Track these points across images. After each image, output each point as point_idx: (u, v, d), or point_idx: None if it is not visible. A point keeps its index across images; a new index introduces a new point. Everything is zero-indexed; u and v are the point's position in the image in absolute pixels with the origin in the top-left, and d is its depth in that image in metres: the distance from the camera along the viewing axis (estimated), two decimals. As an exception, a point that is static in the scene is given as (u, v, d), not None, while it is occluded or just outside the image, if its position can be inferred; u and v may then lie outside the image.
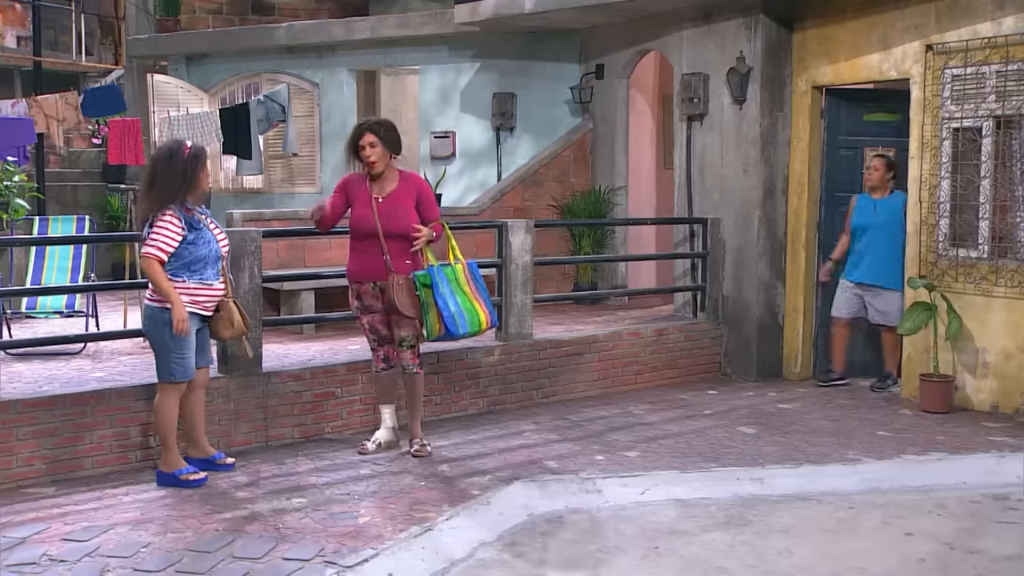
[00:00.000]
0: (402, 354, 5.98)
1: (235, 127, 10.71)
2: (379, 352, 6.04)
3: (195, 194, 5.42)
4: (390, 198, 5.83)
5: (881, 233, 7.78)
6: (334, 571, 4.31)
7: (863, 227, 7.87)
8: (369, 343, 6.07)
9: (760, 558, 4.75)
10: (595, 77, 10.43)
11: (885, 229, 7.77)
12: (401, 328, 5.91)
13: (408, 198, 5.88)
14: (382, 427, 6.20)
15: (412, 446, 6.09)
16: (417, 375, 6.05)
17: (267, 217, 9.08)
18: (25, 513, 5.01)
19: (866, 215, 7.89)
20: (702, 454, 6.23)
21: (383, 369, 6.08)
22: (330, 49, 11.79)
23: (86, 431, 5.66)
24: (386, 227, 5.77)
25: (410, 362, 5.99)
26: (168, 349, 5.30)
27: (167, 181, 5.30)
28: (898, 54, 7.64)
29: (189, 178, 5.33)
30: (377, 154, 5.80)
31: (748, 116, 8.36)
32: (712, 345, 8.61)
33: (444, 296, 5.81)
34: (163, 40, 12.76)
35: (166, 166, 5.33)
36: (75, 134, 15.05)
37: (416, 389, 6.09)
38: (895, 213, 7.77)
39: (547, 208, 10.45)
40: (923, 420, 7.07)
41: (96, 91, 11.76)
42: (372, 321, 5.96)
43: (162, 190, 5.29)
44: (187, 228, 5.29)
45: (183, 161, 5.32)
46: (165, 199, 5.29)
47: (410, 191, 5.90)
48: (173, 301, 5.22)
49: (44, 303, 8.14)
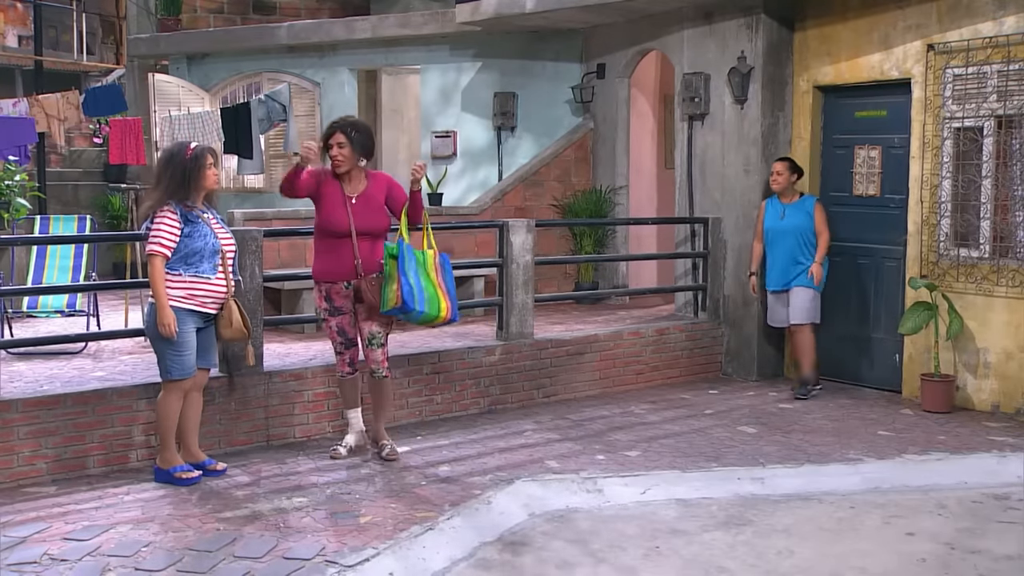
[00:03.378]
0: (372, 353, 5.92)
1: (236, 126, 10.69)
2: (345, 356, 6.01)
3: (198, 193, 5.44)
4: (362, 198, 5.84)
5: (789, 239, 7.72)
6: (335, 570, 4.31)
7: (771, 233, 7.84)
8: (335, 347, 6.02)
9: (761, 558, 4.75)
10: (596, 77, 10.42)
11: (793, 235, 7.72)
12: (373, 324, 5.90)
13: (379, 195, 5.90)
14: (351, 431, 6.15)
15: (382, 450, 6.04)
16: (385, 379, 6.01)
17: (268, 217, 9.08)
18: (26, 512, 5.02)
19: (774, 220, 7.85)
20: (703, 454, 6.23)
21: (348, 373, 6.05)
22: (331, 48, 11.80)
23: (87, 430, 5.66)
24: (360, 226, 5.78)
25: (380, 365, 5.93)
26: (166, 347, 5.32)
27: (169, 182, 5.38)
28: (899, 54, 7.64)
29: (189, 178, 5.38)
30: (344, 155, 5.78)
31: (749, 116, 8.36)
32: (713, 345, 8.61)
33: (407, 272, 5.71)
34: (164, 39, 12.77)
35: (168, 167, 5.42)
36: (76, 133, 15.06)
37: (384, 393, 6.07)
38: (804, 218, 7.72)
39: (548, 208, 10.45)
40: (924, 420, 7.07)
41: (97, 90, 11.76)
42: (341, 323, 5.91)
43: (165, 190, 5.37)
44: (183, 222, 5.33)
45: (183, 162, 5.39)
46: (165, 198, 5.36)
47: (381, 189, 5.93)
48: (160, 304, 5.26)
49: (45, 302, 8.14)
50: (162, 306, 5.25)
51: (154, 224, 5.32)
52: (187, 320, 5.34)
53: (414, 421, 6.90)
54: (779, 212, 7.84)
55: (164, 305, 5.25)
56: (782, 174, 7.81)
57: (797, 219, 7.75)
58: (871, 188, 8.03)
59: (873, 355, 8.07)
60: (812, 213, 7.75)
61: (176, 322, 5.26)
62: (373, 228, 5.85)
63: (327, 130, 5.89)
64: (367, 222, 5.82)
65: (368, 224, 5.82)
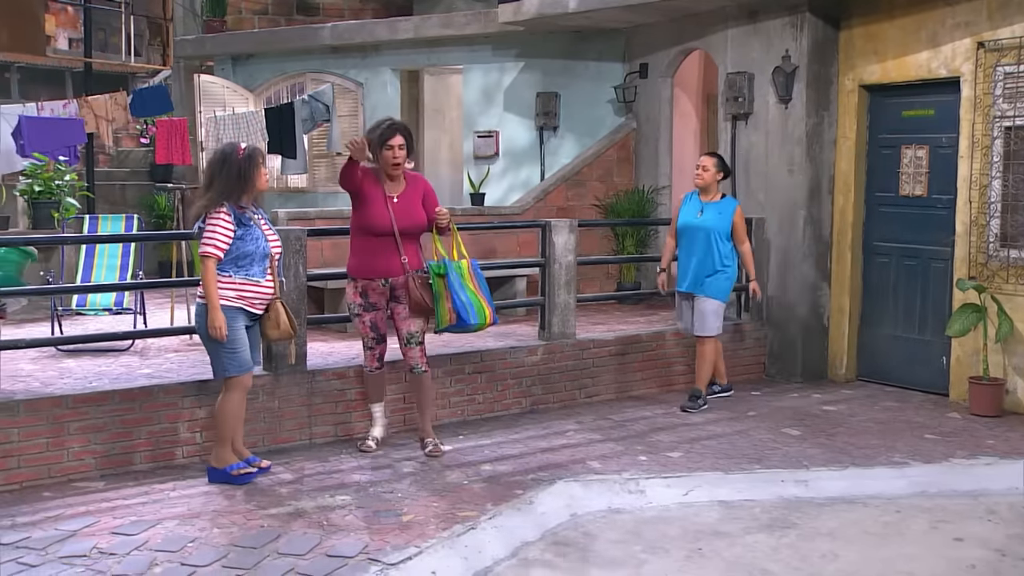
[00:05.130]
0: (411, 351, 6.04)
1: (280, 126, 10.79)
2: (375, 351, 6.11)
3: (250, 194, 5.47)
4: (403, 198, 5.94)
5: (701, 238, 7.23)
6: (378, 568, 4.34)
7: (685, 230, 7.35)
8: (366, 342, 6.11)
9: (805, 561, 4.70)
10: (639, 76, 10.39)
11: (706, 235, 7.22)
12: (411, 324, 5.99)
13: (417, 197, 6.00)
14: (376, 425, 6.26)
15: (426, 447, 6.12)
16: (425, 374, 6.10)
17: (311, 216, 9.15)
18: (76, 507, 5.10)
19: (690, 217, 7.35)
20: (746, 455, 6.18)
21: (377, 368, 6.15)
22: (374, 49, 11.86)
23: (134, 427, 5.74)
24: (401, 226, 5.87)
25: (419, 361, 6.05)
26: (219, 345, 5.34)
27: (223, 182, 5.36)
28: (948, 52, 7.53)
29: (244, 178, 5.39)
30: (403, 157, 5.91)
31: (794, 115, 8.28)
32: (756, 346, 8.54)
33: (455, 289, 5.92)
34: (210, 41, 12.91)
35: (221, 168, 5.40)
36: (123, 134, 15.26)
37: (425, 389, 6.16)
38: (722, 220, 7.25)
39: (590, 208, 10.43)
40: (972, 424, 6.97)
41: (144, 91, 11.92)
42: (374, 319, 6.01)
43: (218, 191, 5.36)
44: (236, 224, 5.35)
45: (238, 162, 5.39)
46: (220, 199, 5.35)
47: (418, 191, 6.03)
48: (212, 305, 5.28)
49: (94, 300, 8.26)
50: (214, 307, 5.27)
51: (208, 225, 5.32)
52: (238, 317, 5.38)
53: (456, 420, 6.92)
54: (697, 209, 7.34)
55: (216, 307, 5.27)
56: (708, 170, 7.32)
57: (714, 219, 7.24)
58: (918, 188, 7.92)
59: (919, 357, 7.96)
60: (731, 217, 7.28)
61: (226, 323, 5.31)
62: (414, 227, 5.97)
63: (386, 131, 5.90)
64: (408, 221, 5.92)
65: (409, 223, 5.92)
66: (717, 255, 7.23)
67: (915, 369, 7.99)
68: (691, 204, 7.44)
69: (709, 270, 7.23)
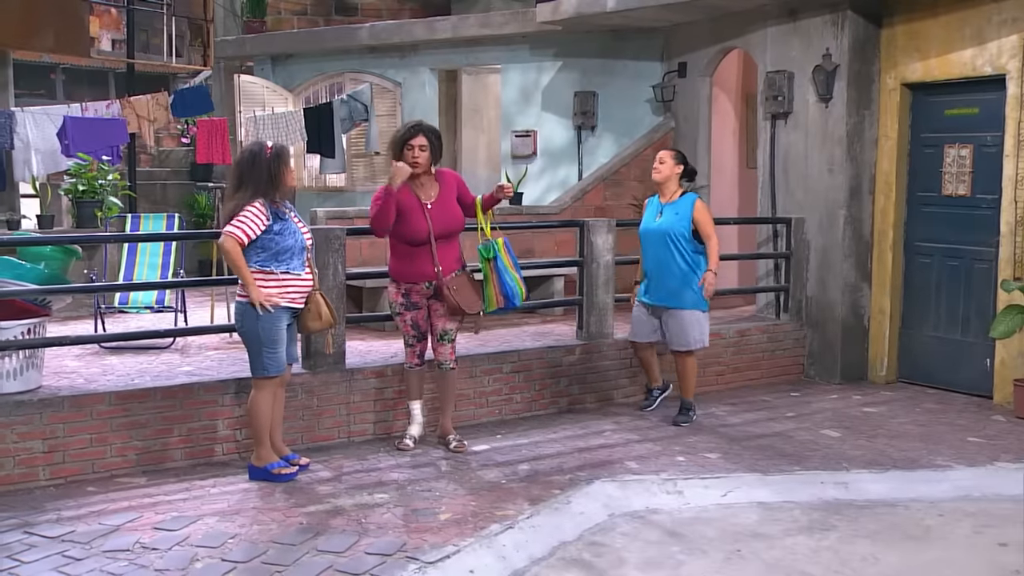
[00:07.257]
0: (442, 348, 6.08)
1: (319, 126, 10.88)
2: (416, 348, 6.16)
3: (281, 191, 5.51)
4: (438, 203, 5.97)
5: (658, 243, 6.67)
6: (416, 567, 4.35)
7: (645, 236, 6.80)
8: (406, 339, 6.16)
9: (845, 564, 4.66)
10: (677, 75, 10.33)
11: (662, 239, 6.65)
12: (447, 322, 6.04)
13: (452, 195, 6.03)
14: (414, 423, 6.29)
15: (450, 443, 6.17)
16: (453, 371, 6.16)
17: (350, 215, 9.19)
18: (119, 502, 5.17)
19: (649, 222, 6.79)
20: (785, 457, 6.14)
21: (417, 364, 6.20)
22: (412, 49, 11.90)
23: (175, 424, 5.81)
24: (438, 231, 5.91)
25: (449, 357, 6.10)
26: (260, 344, 5.36)
27: (254, 181, 5.38)
28: (993, 49, 7.43)
29: (274, 176, 5.42)
30: (424, 158, 5.91)
31: (834, 114, 8.21)
32: (795, 347, 8.47)
33: (501, 272, 6.02)
34: (249, 41, 13.01)
35: (251, 168, 5.42)
36: (165, 134, 15.43)
37: (449, 385, 6.21)
38: (680, 220, 6.63)
39: (628, 207, 10.39)
40: (1018, 427, 6.86)
41: (185, 92, 12.06)
42: (416, 317, 6.07)
43: (250, 189, 5.38)
44: (272, 218, 5.38)
45: (266, 161, 5.41)
46: (253, 198, 5.38)
47: (451, 189, 6.05)
48: (247, 282, 5.30)
49: (136, 298, 8.36)
50: (250, 282, 5.30)
51: (242, 213, 5.31)
52: (282, 317, 5.42)
53: (494, 420, 6.93)
54: (656, 212, 6.79)
55: (251, 281, 5.31)
56: (665, 162, 6.75)
57: (670, 220, 6.65)
58: (961, 188, 7.82)
59: (962, 359, 7.85)
60: (689, 214, 6.63)
61: (270, 322, 5.34)
62: (451, 230, 6.01)
63: (408, 131, 5.95)
64: (445, 225, 5.95)
65: (446, 227, 5.96)
66: (680, 259, 6.63)
67: (958, 371, 7.89)
68: (651, 208, 6.90)
69: (677, 278, 6.66)
